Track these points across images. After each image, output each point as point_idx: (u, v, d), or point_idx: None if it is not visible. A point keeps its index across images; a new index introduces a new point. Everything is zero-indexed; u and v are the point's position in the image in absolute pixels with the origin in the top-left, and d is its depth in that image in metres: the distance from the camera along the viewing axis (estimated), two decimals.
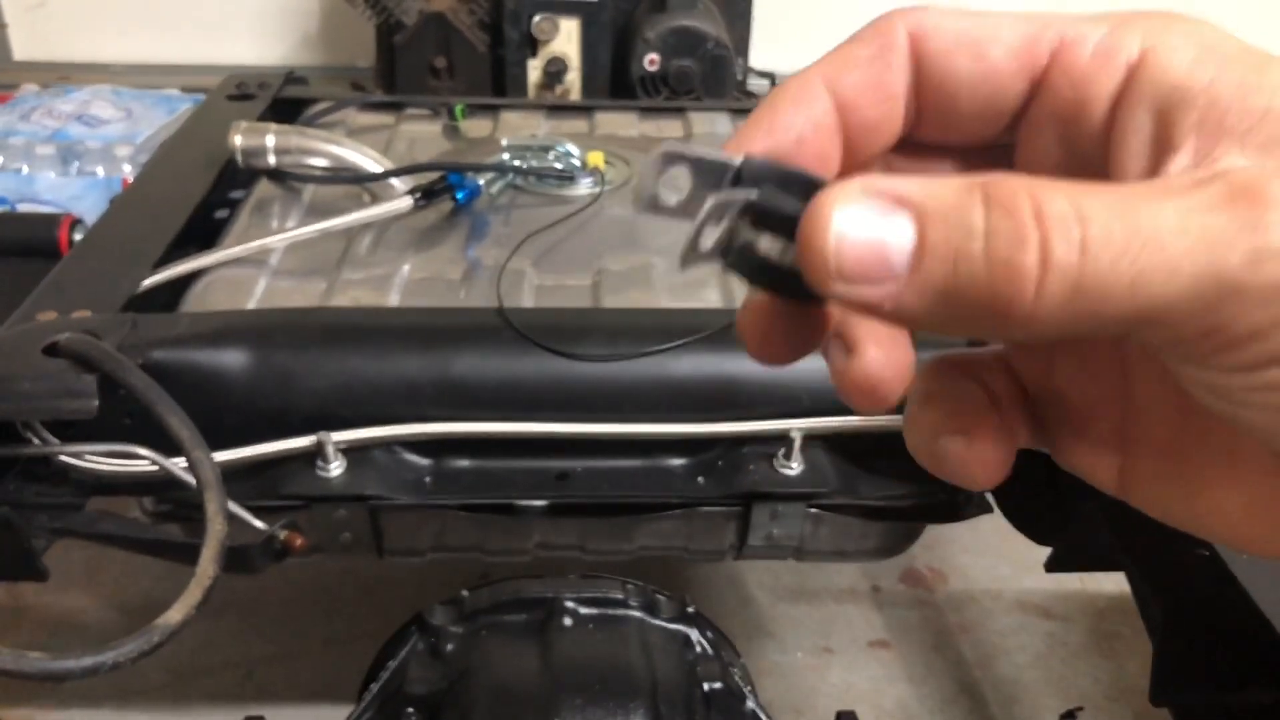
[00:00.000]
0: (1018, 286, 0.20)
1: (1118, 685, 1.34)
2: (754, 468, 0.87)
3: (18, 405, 0.77)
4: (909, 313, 0.22)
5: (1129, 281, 0.20)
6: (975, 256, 0.21)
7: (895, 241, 0.21)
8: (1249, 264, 0.20)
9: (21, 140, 1.51)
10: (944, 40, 0.26)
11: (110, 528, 0.85)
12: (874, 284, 0.22)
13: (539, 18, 1.65)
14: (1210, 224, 0.20)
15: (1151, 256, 0.20)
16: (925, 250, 0.21)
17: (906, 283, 0.22)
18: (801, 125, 0.26)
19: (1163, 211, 0.20)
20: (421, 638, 0.90)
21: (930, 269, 0.21)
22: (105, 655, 0.63)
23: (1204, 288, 0.20)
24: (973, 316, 0.21)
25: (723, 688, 0.86)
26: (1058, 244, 0.20)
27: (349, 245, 1.05)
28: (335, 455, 0.83)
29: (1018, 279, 0.20)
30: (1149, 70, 0.24)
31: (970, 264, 0.21)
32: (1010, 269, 0.20)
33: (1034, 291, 0.20)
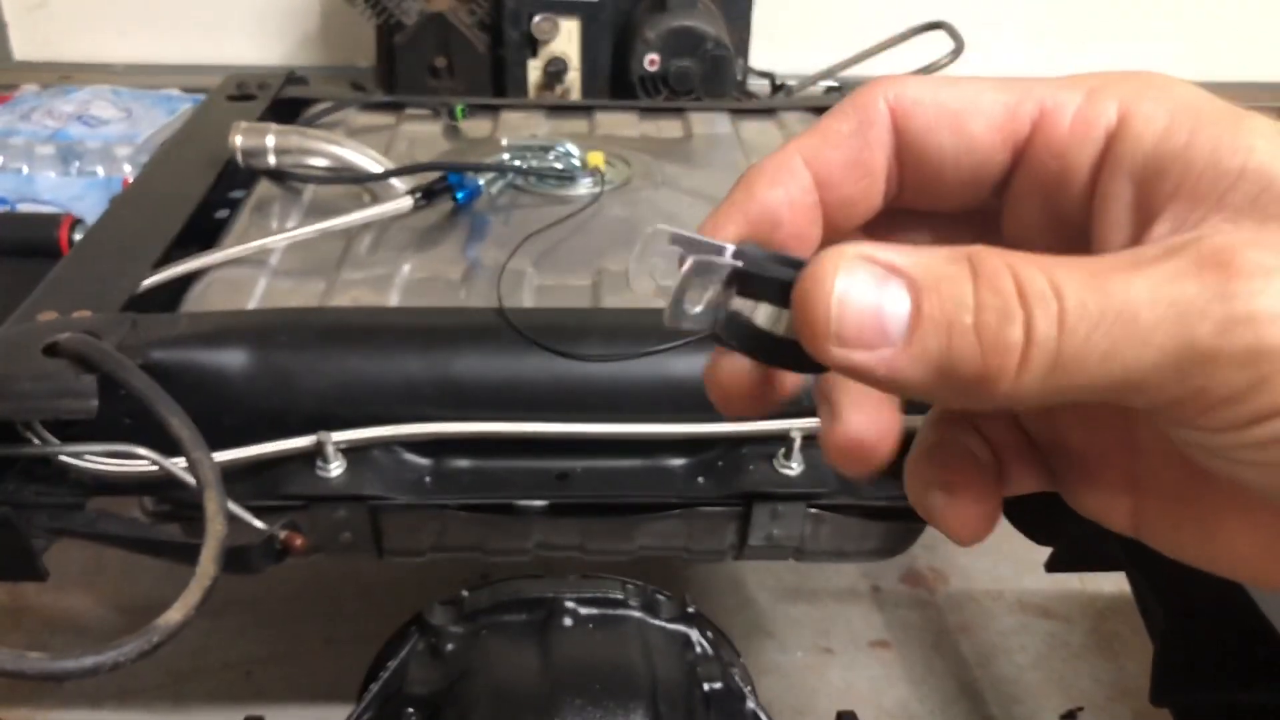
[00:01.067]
0: (1005, 360, 0.21)
1: (1118, 685, 1.33)
2: (754, 468, 0.86)
3: (18, 405, 0.77)
4: (901, 380, 0.22)
5: (1102, 353, 0.21)
6: (967, 330, 0.22)
7: (891, 310, 0.22)
8: (1220, 332, 0.20)
9: (22, 140, 1.51)
10: (924, 116, 0.26)
11: (110, 528, 0.85)
12: (870, 350, 0.22)
13: (539, 18, 1.65)
14: (1180, 294, 0.21)
15: (1124, 329, 0.21)
16: (921, 320, 0.22)
17: (902, 351, 0.22)
18: (778, 205, 0.27)
19: (1134, 283, 0.21)
20: (421, 638, 0.90)
21: (926, 339, 0.22)
22: (105, 655, 0.63)
23: (1176, 357, 0.21)
24: (961, 387, 0.22)
25: (723, 688, 0.86)
26: (1039, 320, 0.21)
27: (349, 245, 1.05)
28: (335, 455, 0.83)
29: (1005, 353, 0.21)
30: (1126, 138, 0.24)
31: (963, 337, 0.22)
32: (999, 342, 0.21)
33: (1018, 366, 0.21)
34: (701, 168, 1.26)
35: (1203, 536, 0.26)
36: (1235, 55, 2.06)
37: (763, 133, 1.38)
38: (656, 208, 1.13)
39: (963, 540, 0.28)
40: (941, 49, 1.69)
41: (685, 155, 1.30)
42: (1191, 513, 0.26)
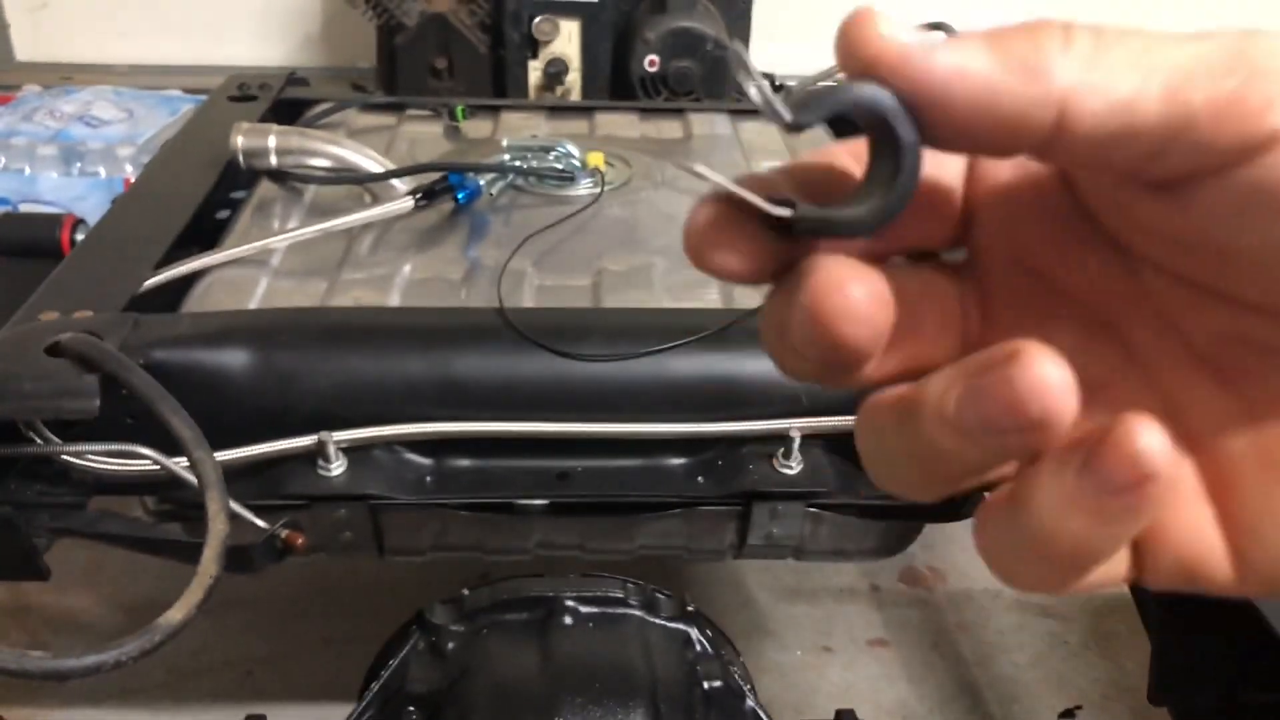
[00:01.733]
0: (1051, 35, 0.22)
1: (1116, 684, 1.34)
2: (753, 467, 0.87)
3: (20, 405, 0.77)
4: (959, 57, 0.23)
5: (1142, 45, 0.22)
6: (1009, 26, 0.23)
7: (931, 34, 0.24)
8: (1244, 35, 0.22)
9: (24, 141, 1.51)
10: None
11: (112, 527, 0.85)
12: (922, 42, 0.23)
13: (539, 19, 1.66)
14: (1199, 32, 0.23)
15: (1155, 35, 0.22)
16: (963, 35, 0.23)
17: (950, 44, 0.23)
18: None
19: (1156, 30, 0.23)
20: (422, 637, 0.91)
21: (971, 37, 0.23)
22: (107, 654, 0.63)
23: (1213, 48, 0.22)
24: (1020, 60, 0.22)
25: (722, 686, 0.86)
26: (1074, 23, 0.23)
27: (350, 245, 1.06)
28: (336, 455, 0.84)
29: (1049, 31, 0.22)
30: None
31: (1005, 30, 0.23)
32: (1041, 27, 0.23)
33: (1064, 40, 0.22)
34: None
35: None
36: None
37: (763, 133, 1.39)
38: (656, 208, 1.14)
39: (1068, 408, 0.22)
40: None
41: (685, 156, 1.30)
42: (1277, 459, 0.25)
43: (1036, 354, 0.22)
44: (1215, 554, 0.25)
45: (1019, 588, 0.25)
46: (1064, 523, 0.22)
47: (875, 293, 0.23)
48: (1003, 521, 0.24)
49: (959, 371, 0.23)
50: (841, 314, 0.23)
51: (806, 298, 0.23)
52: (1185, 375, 0.26)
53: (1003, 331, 0.27)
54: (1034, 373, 0.22)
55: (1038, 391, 0.21)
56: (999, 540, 0.24)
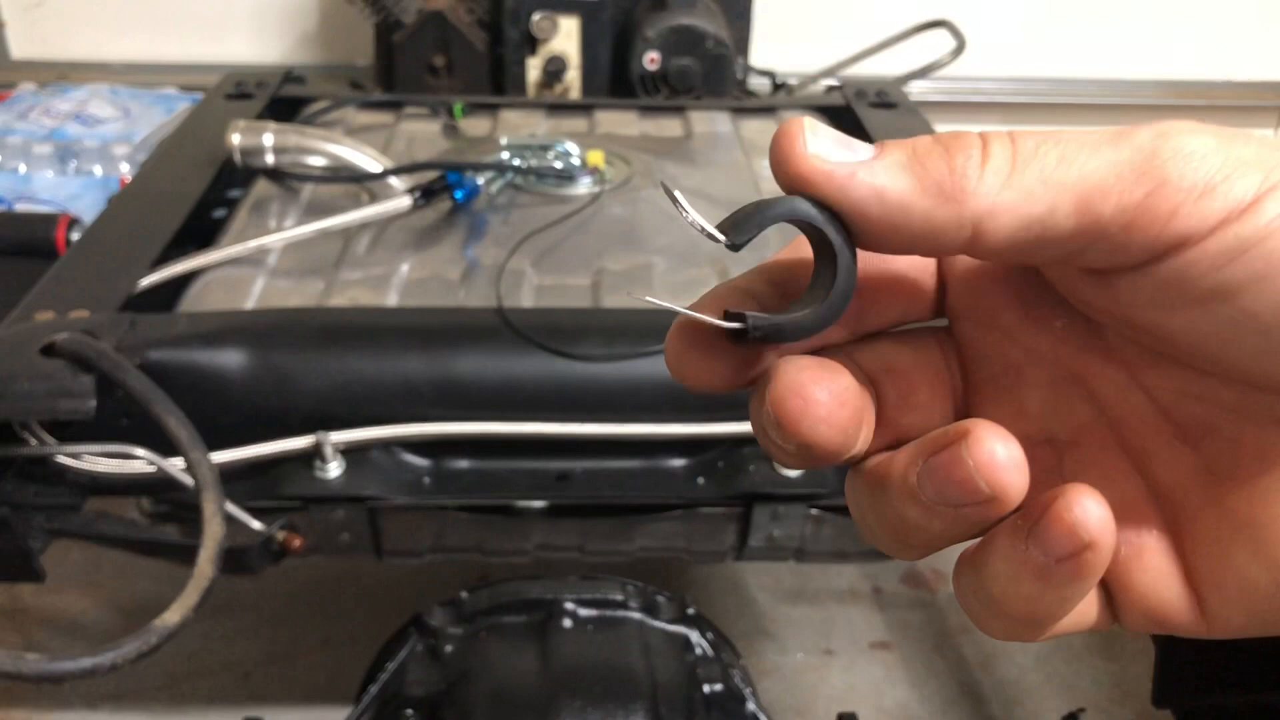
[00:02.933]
0: (968, 155, 0.24)
1: (1120, 687, 1.33)
2: (754, 468, 0.86)
3: (15, 405, 0.76)
4: (880, 180, 0.24)
5: (1057, 157, 0.23)
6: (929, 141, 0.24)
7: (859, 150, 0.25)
8: (1158, 136, 0.23)
9: (19, 139, 1.50)
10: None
11: (108, 528, 0.85)
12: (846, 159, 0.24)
13: (538, 16, 1.65)
14: (1113, 130, 0.24)
15: (1073, 144, 0.23)
16: (885, 146, 0.25)
17: (873, 160, 0.24)
18: None
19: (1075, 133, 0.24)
20: (420, 639, 0.90)
21: (891, 151, 0.24)
22: (103, 657, 0.62)
23: (1125, 156, 0.23)
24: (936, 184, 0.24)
25: (723, 689, 0.85)
26: (991, 136, 0.24)
27: (347, 245, 1.05)
28: (333, 455, 0.83)
29: (967, 149, 0.24)
30: None
31: (925, 145, 0.24)
32: (959, 143, 0.24)
33: (981, 160, 0.24)
34: (702, 167, 1.26)
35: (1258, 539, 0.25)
36: (1236, 55, 2.05)
37: (763, 132, 1.38)
38: (656, 207, 1.13)
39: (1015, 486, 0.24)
40: (943, 47, 1.68)
41: (686, 154, 1.29)
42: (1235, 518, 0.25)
43: (986, 433, 0.24)
44: (1179, 604, 0.26)
45: (995, 637, 0.27)
46: (1016, 585, 0.25)
47: (835, 393, 0.25)
48: (969, 579, 0.26)
49: (918, 449, 0.25)
50: (801, 416, 0.25)
51: (769, 402, 0.25)
52: (1151, 431, 0.27)
53: (981, 391, 0.29)
54: (983, 451, 0.24)
55: (987, 469, 0.24)
56: (968, 596, 0.26)
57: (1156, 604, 0.26)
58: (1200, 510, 0.26)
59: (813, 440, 0.25)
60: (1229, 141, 0.23)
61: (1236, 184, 0.22)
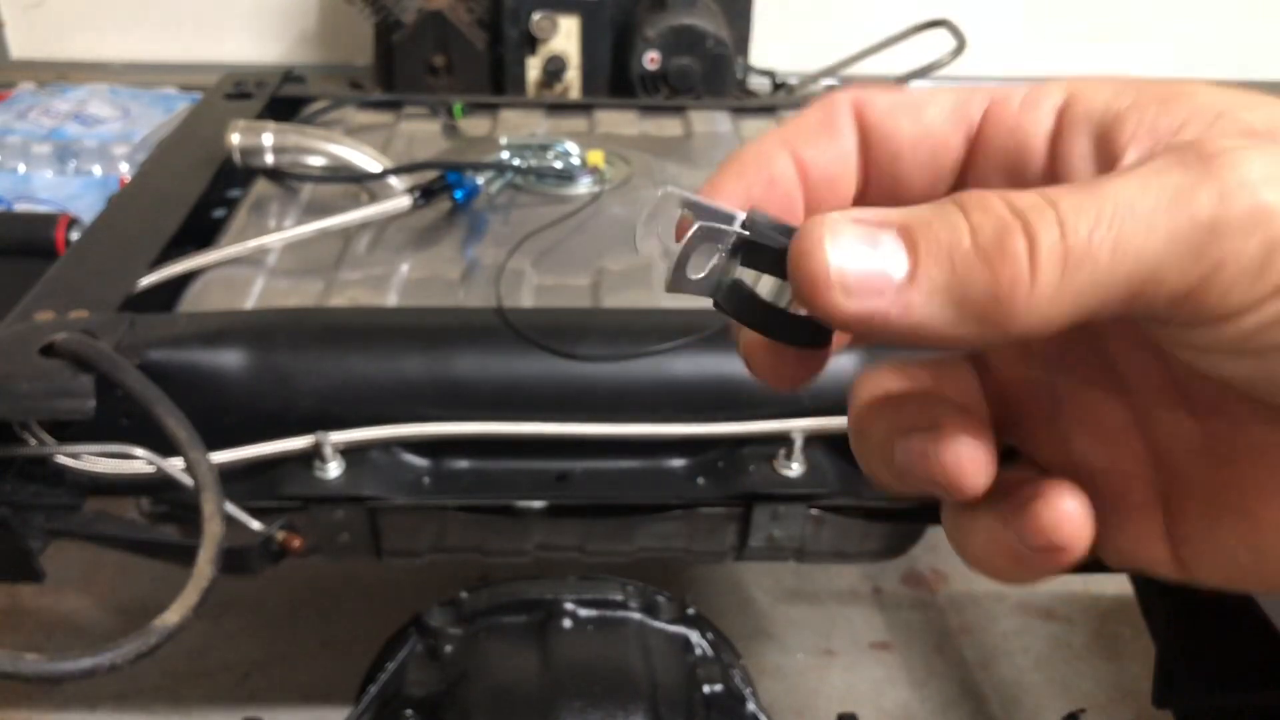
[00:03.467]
0: (1015, 269, 0.21)
1: (1120, 687, 1.33)
2: (754, 468, 0.86)
3: (14, 405, 0.76)
4: (918, 318, 0.22)
5: (1111, 246, 0.21)
6: (967, 249, 0.22)
7: (888, 254, 0.22)
8: (1218, 200, 0.21)
9: (18, 139, 1.50)
10: (883, 106, 0.27)
11: (107, 529, 0.85)
12: (877, 294, 0.22)
13: (538, 15, 1.65)
14: (1169, 181, 0.21)
15: (1125, 219, 0.21)
16: (920, 255, 0.22)
17: (909, 287, 0.22)
18: (766, 177, 0.27)
19: (1123, 183, 0.22)
20: (420, 639, 0.90)
21: (930, 270, 0.22)
22: (102, 657, 0.62)
23: (1184, 234, 0.21)
24: (980, 311, 0.22)
25: (723, 690, 0.85)
26: (1039, 225, 0.21)
27: (347, 245, 1.05)
28: (333, 456, 0.83)
29: (1013, 262, 0.21)
30: (1078, 105, 0.26)
31: (965, 257, 0.22)
32: (1003, 253, 0.21)
33: (1030, 273, 0.21)
34: (702, 167, 1.26)
35: (1248, 526, 0.25)
36: (1236, 54, 2.05)
37: (764, 131, 1.38)
38: None
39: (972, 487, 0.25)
40: (943, 47, 1.68)
41: (685, 154, 1.29)
42: (1228, 500, 0.25)
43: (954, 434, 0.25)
44: (1159, 557, 0.27)
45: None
46: (991, 557, 0.26)
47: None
48: (951, 525, 0.28)
49: (893, 425, 0.26)
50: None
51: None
52: (1160, 396, 0.26)
53: None
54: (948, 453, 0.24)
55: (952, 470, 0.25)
56: (950, 534, 0.28)
57: (1136, 555, 0.27)
58: (1195, 484, 0.26)
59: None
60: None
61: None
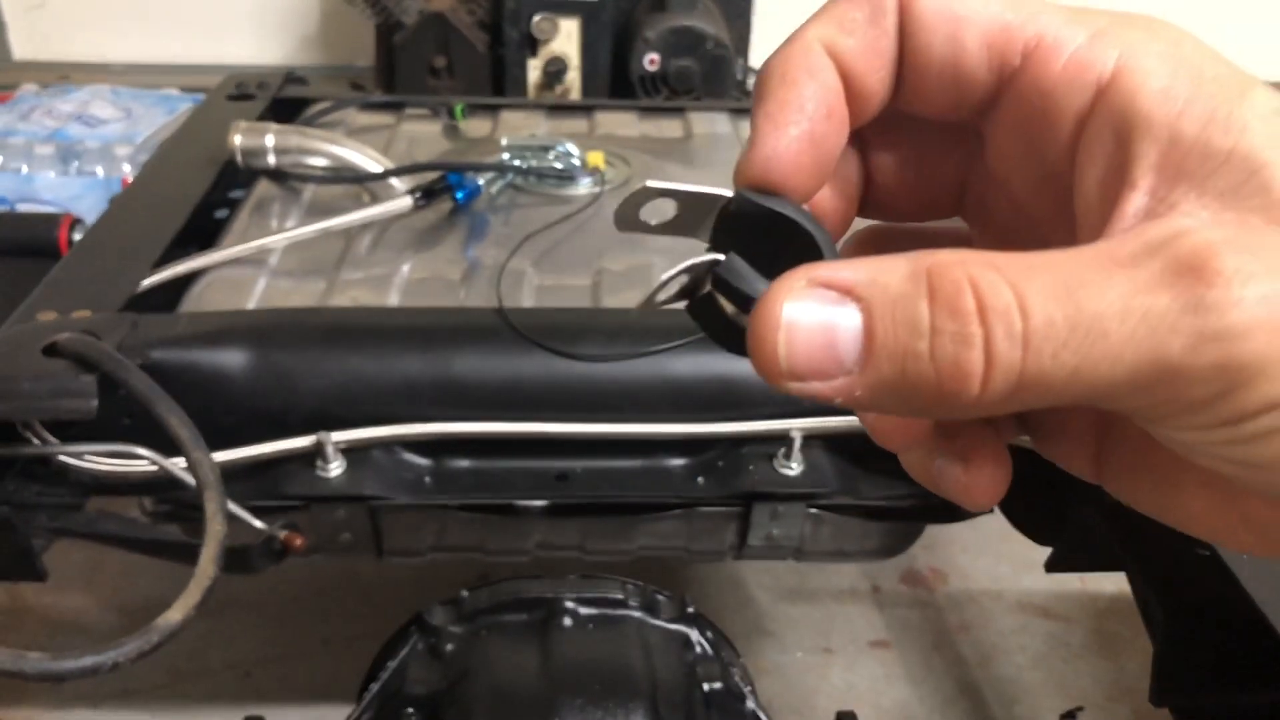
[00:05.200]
0: (964, 384, 0.21)
1: (1118, 685, 1.33)
2: (754, 468, 0.86)
3: (17, 405, 0.77)
4: (859, 404, 0.23)
5: (1071, 370, 0.21)
6: (922, 356, 0.21)
7: (844, 332, 0.22)
8: (1189, 349, 0.20)
9: (21, 140, 1.51)
10: (928, 13, 0.25)
11: (110, 528, 0.85)
12: (824, 380, 0.22)
13: (539, 17, 1.65)
14: (1153, 306, 0.20)
15: (1093, 346, 0.20)
16: (874, 347, 0.22)
17: (857, 378, 0.22)
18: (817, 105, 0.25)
19: (1106, 294, 0.20)
20: (421, 638, 0.90)
21: (879, 366, 0.22)
22: (105, 655, 0.63)
23: (1146, 373, 0.20)
24: (921, 408, 0.22)
25: (723, 688, 0.86)
26: (1000, 341, 0.21)
27: (349, 245, 1.05)
28: (335, 455, 0.83)
29: (964, 377, 0.21)
30: (1118, 94, 0.24)
31: (918, 363, 0.21)
32: (957, 368, 0.21)
33: (979, 387, 0.21)
34: (702, 167, 1.26)
35: (1160, 494, 0.26)
36: (1235, 54, 2.06)
37: None
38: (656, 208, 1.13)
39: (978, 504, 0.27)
40: None
41: (685, 155, 1.30)
42: (1151, 468, 0.26)
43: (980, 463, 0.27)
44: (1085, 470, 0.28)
45: None
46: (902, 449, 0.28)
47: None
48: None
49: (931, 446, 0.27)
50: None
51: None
52: None
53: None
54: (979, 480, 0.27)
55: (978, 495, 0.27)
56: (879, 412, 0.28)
57: (1065, 461, 0.28)
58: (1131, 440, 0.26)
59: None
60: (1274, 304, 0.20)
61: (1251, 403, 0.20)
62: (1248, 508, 0.24)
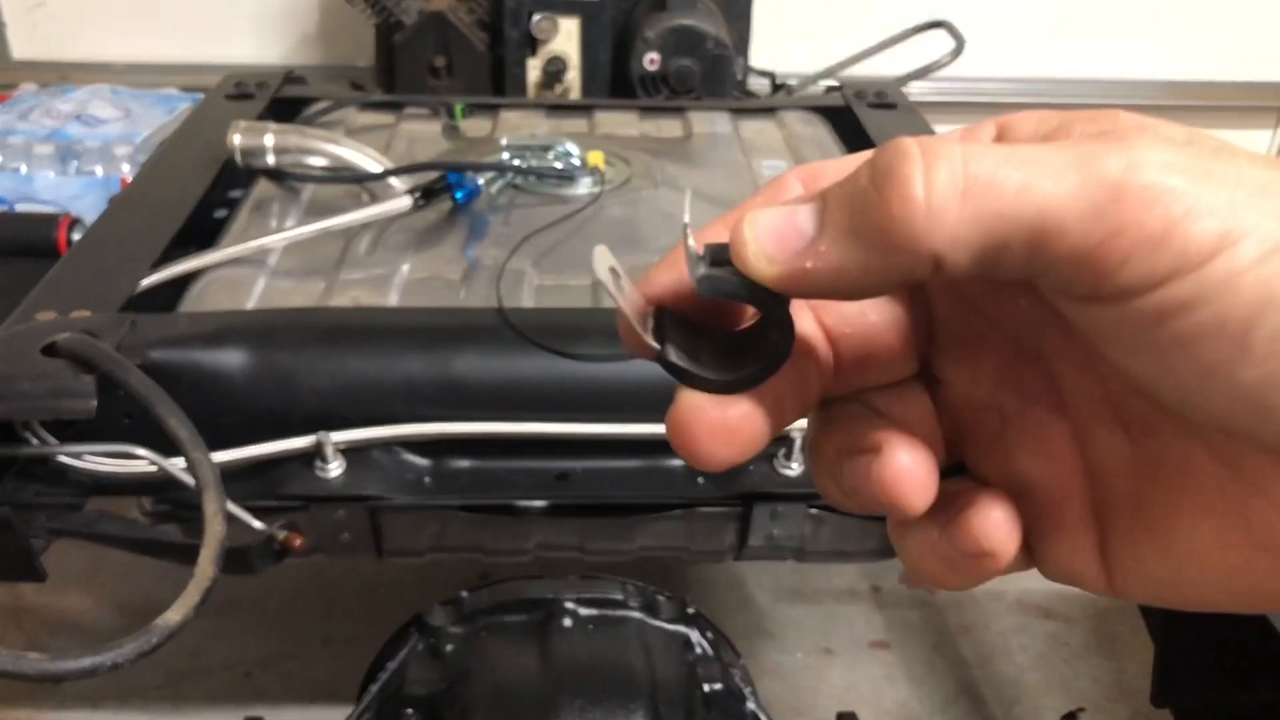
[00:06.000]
0: (905, 189, 0.22)
1: (1119, 686, 1.33)
2: (754, 468, 0.86)
3: (16, 405, 0.76)
4: (833, 261, 0.24)
5: (1018, 184, 0.22)
6: (864, 183, 0.23)
7: (803, 219, 0.24)
8: (1126, 169, 0.21)
9: (20, 139, 1.50)
10: None
11: (109, 528, 0.85)
12: (794, 254, 0.24)
13: (539, 17, 1.65)
14: (1082, 148, 0.22)
15: (1034, 165, 0.22)
16: (828, 208, 0.24)
17: (819, 239, 0.24)
18: None
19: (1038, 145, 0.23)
20: (421, 638, 0.90)
21: (832, 216, 0.24)
22: (104, 656, 0.63)
23: (1089, 190, 0.21)
24: (880, 237, 0.23)
25: (723, 689, 0.85)
26: (940, 155, 0.22)
27: (348, 245, 1.05)
28: (334, 455, 0.83)
29: (902, 183, 0.22)
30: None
31: (860, 191, 0.23)
32: (893, 178, 0.22)
33: (924, 192, 0.22)
34: (702, 167, 1.26)
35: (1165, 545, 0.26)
36: (1235, 54, 2.06)
37: (763, 132, 1.38)
38: (656, 207, 1.13)
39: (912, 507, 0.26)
40: (942, 47, 1.69)
41: (685, 154, 1.30)
42: (1149, 520, 0.26)
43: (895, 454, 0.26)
44: (1091, 571, 0.28)
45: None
46: (925, 562, 0.28)
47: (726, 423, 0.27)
48: (892, 535, 0.29)
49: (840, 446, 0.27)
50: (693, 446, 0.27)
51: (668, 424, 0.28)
52: (1097, 416, 0.27)
53: (943, 351, 0.30)
54: (889, 471, 0.26)
55: (891, 488, 0.26)
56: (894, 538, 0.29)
57: (1070, 567, 0.28)
58: (1124, 501, 0.27)
59: (704, 466, 0.27)
60: (1203, 180, 0.22)
61: (1194, 238, 0.21)
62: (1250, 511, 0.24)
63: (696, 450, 0.27)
